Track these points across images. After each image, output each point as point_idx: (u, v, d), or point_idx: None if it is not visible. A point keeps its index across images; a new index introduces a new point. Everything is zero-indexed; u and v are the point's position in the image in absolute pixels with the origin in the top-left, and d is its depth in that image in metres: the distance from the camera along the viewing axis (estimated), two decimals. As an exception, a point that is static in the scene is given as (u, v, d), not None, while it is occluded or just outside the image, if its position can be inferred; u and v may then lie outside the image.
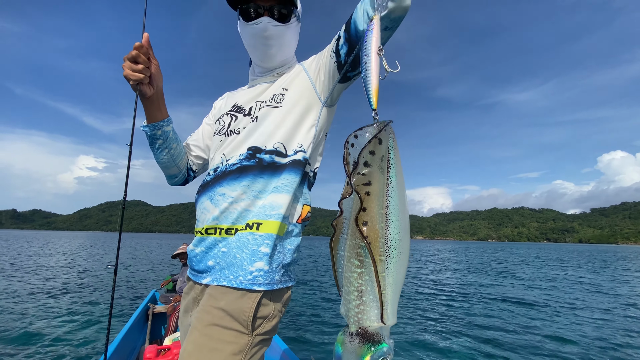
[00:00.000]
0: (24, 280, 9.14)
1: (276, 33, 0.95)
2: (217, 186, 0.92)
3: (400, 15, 0.72)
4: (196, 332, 0.78)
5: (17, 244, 31.15)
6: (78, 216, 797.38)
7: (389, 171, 0.41)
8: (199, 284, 0.92)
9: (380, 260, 0.39)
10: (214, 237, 0.89)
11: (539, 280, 12.47)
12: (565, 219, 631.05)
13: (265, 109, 0.95)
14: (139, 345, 3.12)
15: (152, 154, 1.04)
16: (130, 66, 0.87)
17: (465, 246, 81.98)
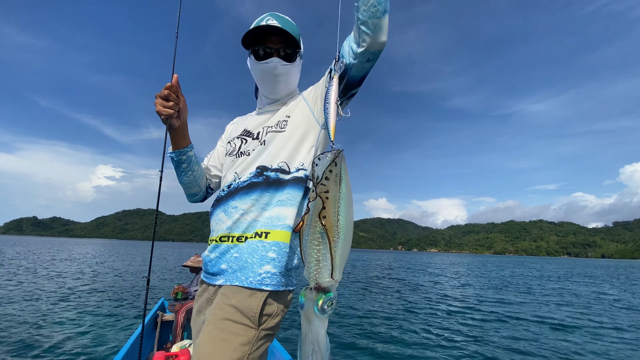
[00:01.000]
0: (41, 285, 9.26)
1: (284, 71, 1.12)
2: (231, 200, 1.07)
3: (378, 50, 0.92)
4: (211, 325, 0.90)
5: (38, 249, 31.98)
6: (95, 224, 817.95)
7: (340, 184, 0.62)
8: (213, 286, 1.06)
9: (333, 240, 0.60)
10: (227, 244, 1.03)
11: (568, 296, 11.82)
12: (586, 232, 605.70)
13: (271, 133, 1.11)
14: (147, 351, 3.19)
15: (177, 176, 1.19)
16: (162, 103, 1.01)
17: (482, 260, 79.57)
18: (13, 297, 7.89)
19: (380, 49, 0.93)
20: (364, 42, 0.90)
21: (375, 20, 0.87)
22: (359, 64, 0.96)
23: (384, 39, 0.90)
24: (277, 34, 1.11)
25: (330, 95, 0.86)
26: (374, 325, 6.62)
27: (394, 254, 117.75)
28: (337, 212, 0.63)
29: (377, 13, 0.86)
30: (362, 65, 0.97)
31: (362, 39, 0.90)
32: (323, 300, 0.58)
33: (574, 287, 16.55)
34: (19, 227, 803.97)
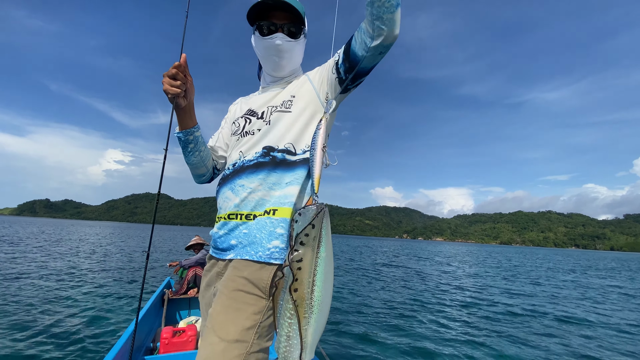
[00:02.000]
0: (55, 264, 9.47)
1: (287, 47, 1.13)
2: (237, 178, 1.09)
3: (391, 43, 0.93)
4: (223, 296, 0.95)
5: (53, 230, 32.76)
6: (106, 207, 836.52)
7: (319, 247, 0.54)
8: (223, 260, 1.09)
9: (304, 317, 0.51)
10: (236, 221, 1.05)
11: (580, 289, 11.60)
12: (596, 224, 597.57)
13: (277, 113, 1.12)
14: (156, 327, 3.30)
15: (184, 157, 1.20)
16: (169, 82, 1.02)
17: (488, 250, 79.31)
18: (29, 275, 8.09)
19: (393, 42, 0.93)
20: (379, 36, 0.90)
21: (389, 15, 0.87)
22: (370, 57, 0.96)
23: (397, 32, 0.91)
24: (283, 9, 1.11)
25: (317, 140, 0.79)
26: (377, 312, 6.52)
27: (399, 242, 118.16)
28: (312, 281, 0.55)
29: (391, 7, 0.86)
30: (374, 57, 0.97)
31: (377, 33, 0.89)
32: None
33: (588, 279, 16.30)
34: (33, 208, 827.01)
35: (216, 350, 0.86)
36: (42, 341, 3.72)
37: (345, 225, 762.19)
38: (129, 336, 2.31)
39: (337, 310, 6.05)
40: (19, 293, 5.93)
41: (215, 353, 0.86)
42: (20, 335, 3.87)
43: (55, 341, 3.75)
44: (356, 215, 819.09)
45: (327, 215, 0.55)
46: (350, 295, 7.65)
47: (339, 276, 11.02)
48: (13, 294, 5.86)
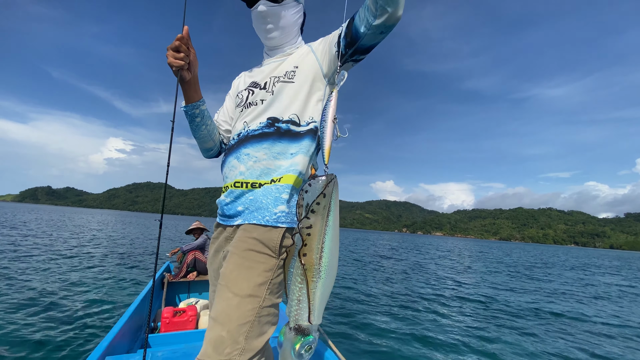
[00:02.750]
0: (58, 249, 9.56)
1: (271, 12, 1.13)
2: (242, 148, 1.11)
3: (393, 24, 0.94)
4: (235, 256, 1.00)
5: (57, 217, 32.95)
6: (107, 195, 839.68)
7: (328, 216, 0.57)
8: (230, 226, 1.12)
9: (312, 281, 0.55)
10: (242, 189, 1.08)
11: (590, 287, 11.64)
12: (596, 222, 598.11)
13: (280, 84, 1.13)
14: (156, 308, 3.40)
15: (191, 131, 1.23)
16: (173, 54, 1.04)
17: (487, 245, 79.58)
18: (33, 261, 8.13)
19: (396, 22, 0.95)
20: (382, 15, 0.91)
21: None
22: (371, 35, 0.97)
23: (400, 13, 0.92)
24: None
25: (329, 112, 0.79)
26: (378, 301, 6.55)
27: (398, 236, 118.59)
28: (321, 248, 0.59)
29: None
30: (375, 36, 0.98)
31: (379, 12, 0.90)
32: (301, 344, 0.55)
33: (593, 277, 16.34)
34: (35, 195, 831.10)
35: (231, 304, 0.91)
36: (45, 321, 3.78)
37: (345, 219, 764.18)
38: (131, 315, 2.36)
39: (338, 297, 6.09)
40: (22, 275, 5.98)
41: (230, 307, 0.91)
42: (23, 315, 3.93)
43: (57, 321, 3.81)
44: (356, 209, 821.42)
45: (337, 185, 0.57)
46: (351, 284, 7.69)
47: (339, 267, 11.07)
48: (17, 277, 5.91)
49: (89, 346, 3.24)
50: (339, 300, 5.96)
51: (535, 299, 7.61)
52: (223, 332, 0.89)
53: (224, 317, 0.91)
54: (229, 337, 0.88)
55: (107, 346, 1.78)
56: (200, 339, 2.41)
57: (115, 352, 1.87)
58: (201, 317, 3.12)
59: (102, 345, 1.76)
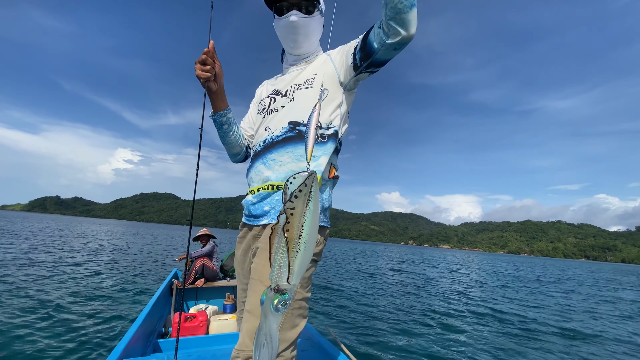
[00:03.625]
0: (68, 259, 9.56)
1: (302, 23, 1.19)
2: (268, 153, 1.17)
3: (406, 41, 0.96)
4: (266, 252, 1.04)
5: (65, 226, 33.24)
6: (114, 206, 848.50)
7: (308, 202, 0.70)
8: (257, 226, 1.18)
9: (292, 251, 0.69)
10: (268, 191, 1.14)
11: (616, 304, 11.25)
12: (607, 236, 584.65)
13: (300, 91, 1.20)
14: (166, 314, 3.41)
15: (220, 138, 1.32)
16: (200, 67, 1.12)
17: (497, 258, 78.09)
18: (42, 269, 8.18)
19: (409, 40, 0.96)
20: (394, 35, 0.93)
21: (403, 15, 0.90)
22: (385, 51, 1.00)
23: (413, 32, 0.93)
24: None
25: (312, 120, 0.88)
26: (388, 314, 6.39)
27: (405, 248, 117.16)
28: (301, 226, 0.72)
29: (405, 9, 0.89)
30: (389, 52, 1.01)
31: (392, 32, 0.93)
32: (278, 300, 0.68)
33: (616, 293, 15.85)
34: (43, 205, 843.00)
35: None
36: (55, 328, 3.76)
37: (350, 230, 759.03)
38: (143, 320, 2.39)
39: (351, 310, 5.93)
40: (32, 284, 5.99)
41: None
42: (38, 321, 3.92)
43: (69, 327, 3.79)
44: (362, 220, 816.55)
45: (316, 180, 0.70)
46: (359, 297, 7.53)
47: (349, 279, 10.92)
48: (26, 285, 5.90)
49: (100, 350, 3.21)
50: (352, 314, 5.83)
51: (558, 316, 7.33)
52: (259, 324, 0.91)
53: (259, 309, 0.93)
54: None
55: (123, 350, 1.81)
56: (211, 344, 2.44)
57: (130, 356, 1.90)
58: (211, 323, 3.05)
59: (118, 349, 1.80)
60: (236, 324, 3.09)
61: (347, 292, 7.83)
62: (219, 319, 3.14)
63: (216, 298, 4.12)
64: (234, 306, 3.75)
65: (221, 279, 4.28)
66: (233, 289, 4.12)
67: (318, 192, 0.76)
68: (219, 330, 3.00)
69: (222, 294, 4.10)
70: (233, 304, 3.76)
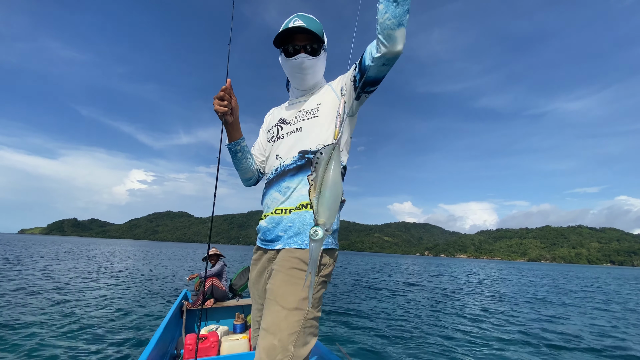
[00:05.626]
0: (83, 278, 9.60)
1: (310, 64, 1.29)
2: (282, 181, 1.26)
3: (393, 57, 1.03)
4: (281, 273, 1.12)
5: (82, 247, 33.78)
6: (129, 226, 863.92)
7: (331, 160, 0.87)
8: (272, 250, 1.26)
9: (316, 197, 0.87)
10: (281, 216, 1.23)
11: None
12: (632, 239, 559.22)
13: (305, 121, 1.29)
14: (177, 336, 3.38)
15: (234, 164, 1.42)
16: (219, 103, 1.22)
17: (518, 267, 75.42)
18: (49, 293, 8.21)
19: (395, 57, 1.02)
20: (380, 49, 1.00)
21: (390, 32, 0.96)
22: (375, 67, 1.06)
23: (399, 49, 0.99)
24: (303, 32, 1.26)
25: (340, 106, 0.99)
26: (411, 332, 6.15)
27: (421, 259, 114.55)
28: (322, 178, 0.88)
29: (392, 25, 0.95)
30: (379, 68, 1.06)
31: (379, 46, 1.00)
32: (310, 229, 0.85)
33: (630, 293, 14.99)
34: (61, 227, 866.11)
35: (280, 316, 1.04)
36: (64, 354, 3.72)
37: (363, 242, 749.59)
38: (156, 343, 2.35)
39: (362, 327, 5.74)
40: (41, 305, 5.99)
41: (279, 318, 1.04)
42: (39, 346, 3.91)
43: (76, 352, 3.75)
44: (375, 232, 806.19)
45: (337, 146, 0.86)
46: (374, 315, 7.30)
47: (362, 296, 10.67)
48: (32, 309, 5.93)
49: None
50: (366, 333, 5.63)
51: (608, 336, 6.91)
52: (274, 341, 1.00)
53: (275, 328, 1.02)
54: (280, 345, 1.00)
55: None
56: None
57: None
58: (223, 344, 3.00)
59: None
60: (247, 344, 3.04)
61: (361, 309, 7.60)
62: (230, 339, 3.07)
63: (226, 318, 4.03)
64: (244, 326, 3.66)
65: (230, 298, 4.20)
66: (243, 309, 4.04)
67: (339, 153, 0.93)
68: (230, 351, 2.94)
69: (231, 313, 4.02)
70: (243, 324, 3.67)
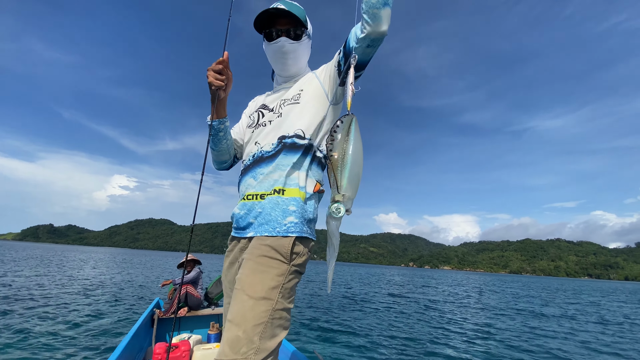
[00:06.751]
0: (50, 289, 9.12)
1: (291, 49, 1.27)
2: (258, 167, 1.22)
3: (377, 38, 1.00)
4: (250, 261, 1.08)
5: (51, 256, 32.28)
6: (108, 233, 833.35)
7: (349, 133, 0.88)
8: (244, 238, 1.21)
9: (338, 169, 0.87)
10: (252, 201, 1.19)
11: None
12: (607, 253, 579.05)
13: (287, 106, 1.26)
14: (146, 346, 3.20)
15: (213, 144, 1.33)
16: (215, 75, 1.18)
17: (500, 279, 76.75)
18: (20, 298, 7.83)
19: (379, 37, 1.00)
20: (364, 29, 0.98)
21: (375, 11, 0.94)
22: (359, 48, 1.03)
23: (384, 29, 0.97)
24: (285, 16, 1.25)
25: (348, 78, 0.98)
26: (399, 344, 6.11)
27: (406, 271, 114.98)
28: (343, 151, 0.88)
29: (378, 4, 0.94)
30: (363, 50, 1.04)
31: (363, 26, 0.98)
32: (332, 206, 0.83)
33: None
34: (36, 234, 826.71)
35: (246, 306, 0.99)
36: None
37: (349, 253, 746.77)
38: (120, 354, 2.22)
39: (346, 340, 5.64)
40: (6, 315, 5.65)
41: (245, 308, 0.98)
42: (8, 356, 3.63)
43: None
44: (360, 242, 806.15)
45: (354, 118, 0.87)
46: (360, 328, 7.22)
47: (350, 308, 10.59)
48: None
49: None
50: (353, 347, 5.54)
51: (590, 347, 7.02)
52: (239, 332, 0.95)
53: (240, 318, 0.97)
54: (245, 337, 0.95)
55: None
56: None
57: None
58: (194, 353, 2.86)
59: None
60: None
61: (347, 323, 7.51)
62: (203, 348, 2.94)
63: (200, 328, 3.89)
64: (219, 335, 3.53)
65: (205, 307, 4.06)
66: (218, 318, 3.90)
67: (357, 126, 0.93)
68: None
69: (206, 323, 3.88)
70: (218, 334, 3.54)
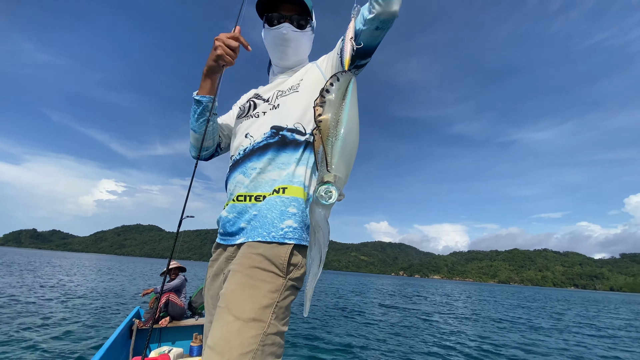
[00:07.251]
0: (24, 298, 8.66)
1: (293, 37, 1.17)
2: (248, 162, 1.06)
3: (387, 19, 0.91)
4: (238, 274, 0.88)
5: (32, 262, 31.15)
6: (94, 238, 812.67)
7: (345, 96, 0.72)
8: (232, 246, 1.02)
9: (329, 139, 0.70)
10: (245, 203, 1.01)
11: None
12: (593, 263, 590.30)
13: (284, 97, 1.13)
14: (123, 359, 3.02)
15: (196, 126, 1.17)
16: (227, 50, 1.06)
17: (490, 289, 77.29)
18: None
19: (390, 18, 0.91)
20: (374, 8, 0.89)
21: None
22: (367, 31, 0.94)
23: (395, 9, 0.89)
24: (291, 2, 1.16)
25: (347, 33, 0.90)
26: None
27: (396, 280, 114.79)
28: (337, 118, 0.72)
29: None
30: (371, 33, 0.94)
31: (372, 5, 0.90)
32: (320, 188, 0.68)
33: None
34: (18, 239, 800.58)
35: (232, 329, 0.78)
36: None
37: (340, 261, 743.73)
38: None
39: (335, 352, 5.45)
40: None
41: (230, 333, 0.78)
42: None
43: None
44: (351, 251, 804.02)
45: (353, 78, 0.74)
46: (355, 340, 7.03)
47: (341, 319, 10.37)
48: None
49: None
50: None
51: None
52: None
53: (223, 345, 0.76)
54: None
55: None
56: None
57: None
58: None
59: None
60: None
61: (337, 337, 7.30)
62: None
63: (182, 339, 3.66)
64: (202, 348, 3.31)
65: (189, 317, 3.84)
66: (201, 329, 3.68)
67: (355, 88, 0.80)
68: (182, 376, 2.62)
69: (189, 334, 3.65)
70: (200, 346, 3.33)
